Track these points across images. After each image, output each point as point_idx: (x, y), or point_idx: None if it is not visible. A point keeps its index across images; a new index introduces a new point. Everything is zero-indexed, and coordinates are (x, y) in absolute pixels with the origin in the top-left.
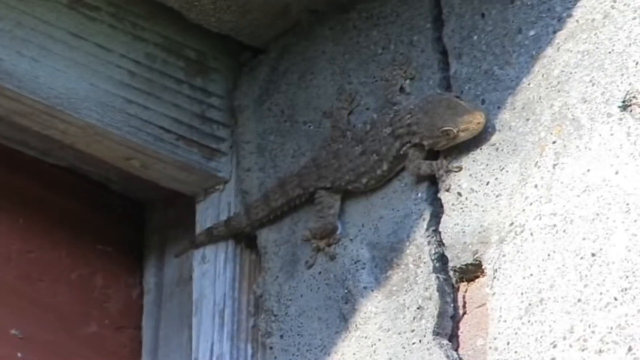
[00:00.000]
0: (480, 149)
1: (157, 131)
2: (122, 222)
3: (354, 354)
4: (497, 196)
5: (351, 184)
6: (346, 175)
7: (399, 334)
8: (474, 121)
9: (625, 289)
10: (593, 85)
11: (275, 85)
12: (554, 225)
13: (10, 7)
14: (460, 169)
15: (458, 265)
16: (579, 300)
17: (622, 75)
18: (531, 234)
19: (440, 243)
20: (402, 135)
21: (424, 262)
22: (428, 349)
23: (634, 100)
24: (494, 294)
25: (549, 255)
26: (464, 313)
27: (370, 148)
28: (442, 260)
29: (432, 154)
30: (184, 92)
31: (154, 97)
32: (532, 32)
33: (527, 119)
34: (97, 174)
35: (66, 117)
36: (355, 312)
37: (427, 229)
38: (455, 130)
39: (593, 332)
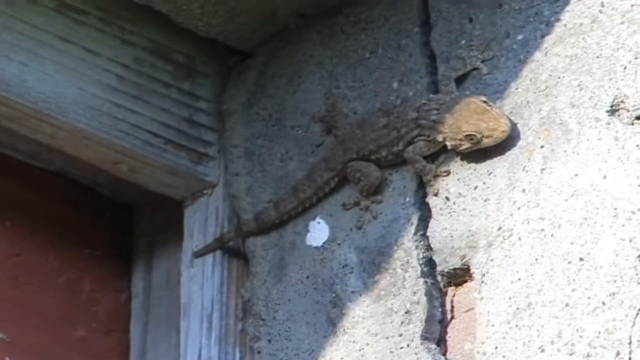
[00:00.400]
0: (468, 153)
1: (145, 135)
2: (110, 226)
3: (341, 358)
4: (485, 201)
5: (374, 154)
6: (369, 144)
7: (387, 338)
8: (499, 129)
9: (613, 294)
10: (581, 89)
11: (263, 89)
12: (542, 230)
13: None
14: (448, 173)
15: (446, 270)
16: (567, 304)
17: (610, 79)
18: (519, 239)
19: (428, 247)
20: (424, 127)
21: (412, 267)
22: (416, 354)
23: (621, 105)
24: (482, 298)
25: (536, 259)
26: (452, 317)
27: (393, 124)
28: (430, 264)
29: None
30: (172, 96)
31: (142, 101)
32: (520, 37)
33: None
34: (85, 178)
35: (54, 121)
36: (343, 316)
37: (415, 234)
38: (479, 136)
39: (581, 336)
